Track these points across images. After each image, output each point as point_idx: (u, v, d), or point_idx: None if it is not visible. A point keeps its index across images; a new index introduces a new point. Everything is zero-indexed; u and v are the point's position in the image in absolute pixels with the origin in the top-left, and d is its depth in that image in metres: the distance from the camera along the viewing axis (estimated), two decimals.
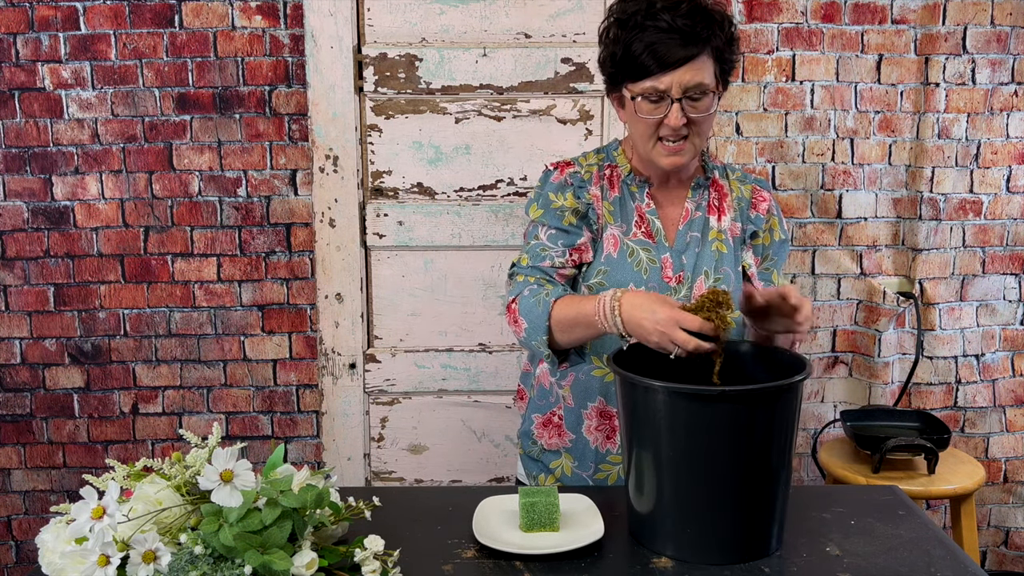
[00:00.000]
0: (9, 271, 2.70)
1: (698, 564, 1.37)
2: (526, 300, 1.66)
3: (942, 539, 1.46)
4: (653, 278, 1.69)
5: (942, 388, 2.83)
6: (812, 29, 2.65)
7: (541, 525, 1.45)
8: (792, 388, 1.36)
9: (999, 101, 2.71)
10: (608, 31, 1.65)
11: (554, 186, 1.74)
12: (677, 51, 1.55)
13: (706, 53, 1.59)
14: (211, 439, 1.29)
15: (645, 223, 1.73)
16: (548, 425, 1.82)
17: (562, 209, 1.71)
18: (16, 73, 2.61)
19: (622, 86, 1.64)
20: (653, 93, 1.58)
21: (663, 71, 1.56)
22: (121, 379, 2.77)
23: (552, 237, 1.71)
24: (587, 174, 1.74)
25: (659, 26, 1.55)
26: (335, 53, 2.56)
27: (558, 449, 1.81)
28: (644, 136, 1.65)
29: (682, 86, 1.57)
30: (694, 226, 1.74)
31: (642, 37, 1.56)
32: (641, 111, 1.61)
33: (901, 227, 2.79)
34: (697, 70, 1.58)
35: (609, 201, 1.74)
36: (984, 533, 2.95)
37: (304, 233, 2.71)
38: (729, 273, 1.73)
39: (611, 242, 1.72)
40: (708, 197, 1.77)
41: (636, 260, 1.70)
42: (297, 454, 2.83)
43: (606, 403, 1.74)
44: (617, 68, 1.62)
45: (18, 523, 2.85)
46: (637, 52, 1.57)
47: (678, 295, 1.69)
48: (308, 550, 1.21)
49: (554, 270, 1.70)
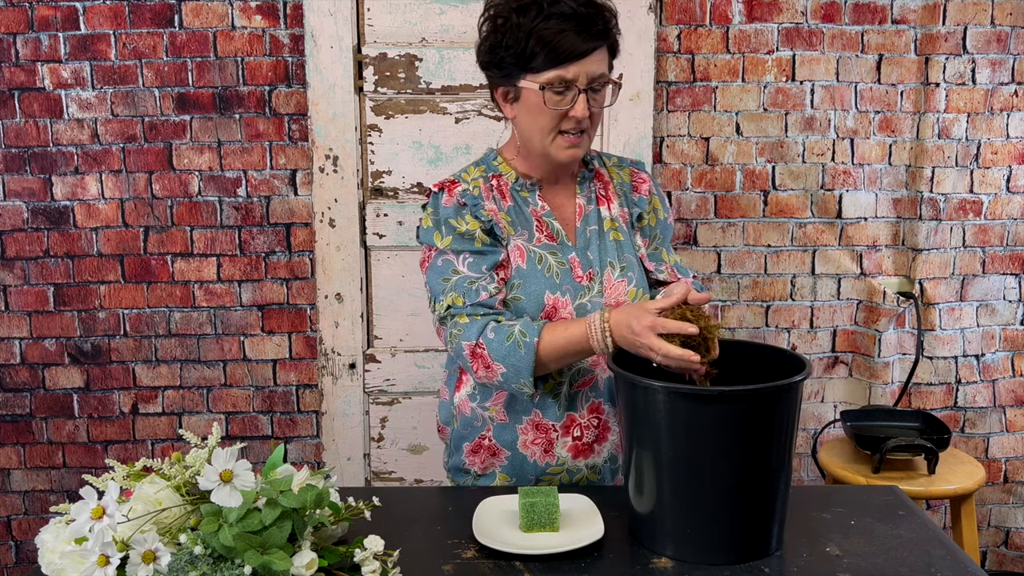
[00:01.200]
0: (9, 271, 2.70)
1: (698, 564, 1.37)
2: (495, 343, 1.59)
3: (942, 539, 1.46)
4: (565, 280, 1.67)
5: (942, 388, 2.83)
6: (812, 29, 2.65)
7: (541, 525, 1.45)
8: (792, 388, 1.36)
9: (999, 101, 2.71)
10: (498, 20, 1.59)
11: (449, 210, 1.66)
12: (584, 40, 1.54)
13: (605, 45, 1.59)
14: (211, 439, 1.29)
15: (544, 226, 1.71)
16: (479, 450, 1.77)
17: (470, 232, 1.65)
18: (16, 73, 2.61)
19: (520, 78, 1.59)
20: (560, 83, 1.55)
21: (571, 60, 1.54)
22: (121, 379, 2.77)
23: (473, 265, 1.64)
24: (476, 189, 1.68)
25: (563, 12, 1.53)
26: (335, 53, 2.56)
27: (492, 470, 1.78)
28: (544, 130, 1.61)
29: (588, 76, 1.56)
30: (590, 220, 1.73)
31: (548, 25, 1.53)
32: (549, 102, 1.57)
33: (901, 227, 2.79)
34: (599, 60, 1.57)
35: (505, 211, 1.69)
36: (984, 533, 2.95)
37: (304, 233, 2.71)
38: (632, 260, 1.74)
39: (517, 253, 1.68)
40: (595, 188, 1.76)
41: (546, 266, 1.68)
42: (297, 454, 2.83)
43: (542, 416, 1.71)
44: (517, 59, 1.57)
45: (18, 523, 2.84)
46: (546, 39, 1.53)
47: (591, 292, 1.68)
48: (308, 550, 1.21)
49: (494, 300, 1.63)
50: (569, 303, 1.67)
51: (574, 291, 1.68)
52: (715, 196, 2.74)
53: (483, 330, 1.60)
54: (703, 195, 2.73)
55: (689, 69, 2.66)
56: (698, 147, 2.71)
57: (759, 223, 2.76)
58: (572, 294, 1.67)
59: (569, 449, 1.71)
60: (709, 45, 2.65)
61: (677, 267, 1.81)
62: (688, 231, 2.76)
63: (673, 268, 1.80)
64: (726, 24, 2.64)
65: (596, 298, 1.68)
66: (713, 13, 2.64)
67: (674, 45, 2.65)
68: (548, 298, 1.66)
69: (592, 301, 1.68)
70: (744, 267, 2.77)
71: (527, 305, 1.66)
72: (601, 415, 1.72)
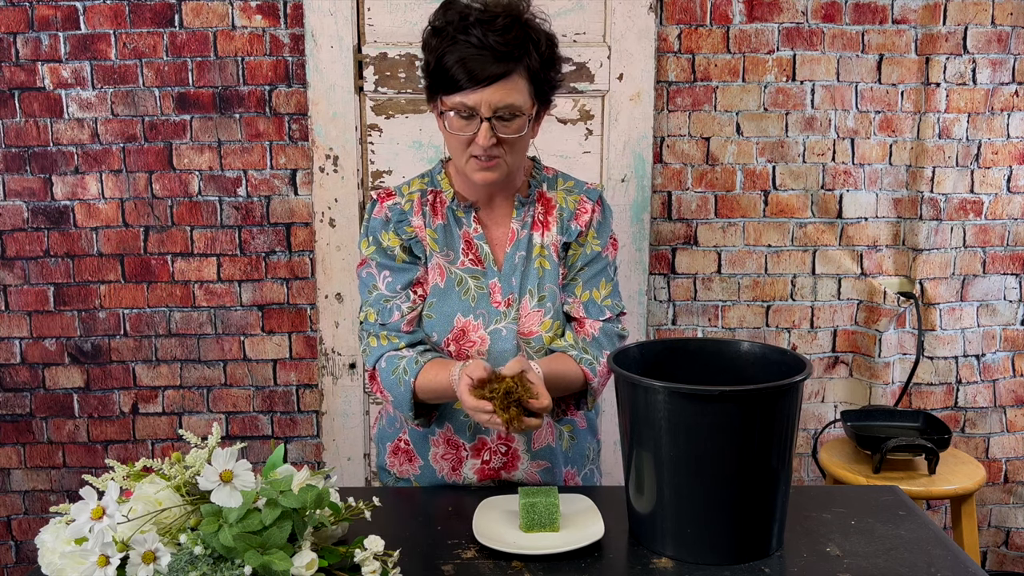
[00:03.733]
0: (9, 271, 2.70)
1: (698, 564, 1.37)
2: (385, 373, 1.65)
3: (942, 539, 1.46)
4: (482, 305, 1.67)
5: (942, 388, 2.83)
6: (813, 29, 2.65)
7: (541, 525, 1.45)
8: (792, 388, 1.36)
9: (1000, 101, 2.70)
10: (425, 37, 1.60)
11: (378, 222, 1.70)
12: (487, 68, 1.51)
13: (518, 73, 1.54)
14: (211, 439, 1.29)
15: (473, 249, 1.70)
16: (397, 452, 1.79)
17: (390, 248, 1.69)
18: (16, 73, 2.61)
19: (436, 97, 1.60)
20: (463, 109, 1.54)
21: (472, 87, 1.52)
22: (121, 379, 2.77)
23: (391, 284, 1.69)
24: (408, 204, 1.70)
25: (470, 41, 1.51)
26: (335, 53, 2.56)
27: (408, 477, 1.79)
28: (456, 150, 1.61)
29: (491, 105, 1.53)
30: (520, 246, 1.70)
31: (454, 50, 1.52)
32: (452, 127, 1.57)
33: (901, 227, 2.79)
34: (508, 90, 1.53)
35: (432, 228, 1.69)
36: (984, 533, 2.95)
37: (304, 233, 2.71)
38: (554, 290, 1.70)
39: (437, 272, 1.69)
40: (533, 213, 1.72)
41: (464, 288, 1.68)
42: (297, 454, 2.83)
43: (453, 432, 1.72)
44: (431, 78, 1.58)
45: (18, 523, 2.84)
46: (448, 65, 1.53)
47: (508, 318, 1.67)
48: (308, 550, 1.21)
49: (403, 320, 1.67)
50: (481, 327, 1.67)
51: (488, 316, 1.67)
52: (715, 196, 2.74)
53: (379, 358, 1.67)
54: (703, 195, 2.73)
55: (689, 69, 2.66)
56: (698, 147, 2.71)
57: (759, 223, 2.75)
58: (486, 319, 1.67)
59: (476, 472, 1.72)
60: (709, 45, 2.65)
61: (589, 304, 1.71)
62: (688, 231, 2.75)
63: (583, 305, 1.71)
64: (726, 24, 2.64)
65: (511, 324, 1.67)
66: (713, 13, 2.63)
67: (674, 45, 2.65)
68: (459, 320, 1.67)
69: (507, 327, 1.67)
70: (744, 267, 2.77)
71: (436, 324, 1.68)
72: (512, 443, 1.72)
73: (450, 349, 1.68)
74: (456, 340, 1.67)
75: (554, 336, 1.70)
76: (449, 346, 1.68)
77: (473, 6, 1.56)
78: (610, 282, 1.75)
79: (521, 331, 1.68)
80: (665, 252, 2.76)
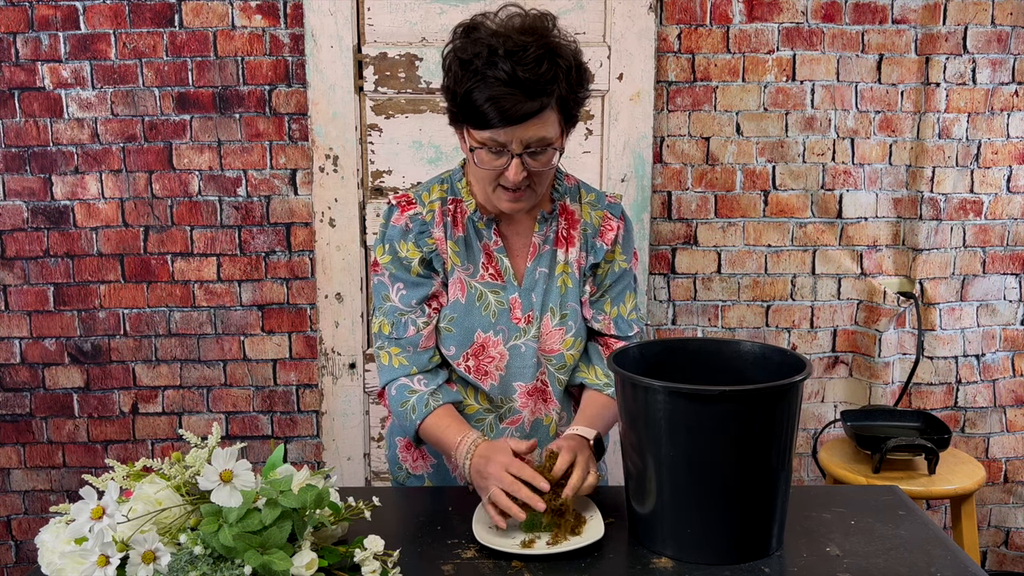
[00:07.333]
0: (9, 271, 2.70)
1: (698, 564, 1.37)
2: (394, 401, 1.66)
3: (942, 539, 1.46)
4: (502, 320, 1.65)
5: (942, 388, 2.83)
6: (812, 29, 2.65)
7: (541, 526, 1.45)
8: (792, 388, 1.36)
9: (1000, 101, 2.70)
10: (449, 63, 1.52)
11: (397, 231, 1.65)
12: (519, 107, 1.45)
13: (550, 107, 1.49)
14: (211, 439, 1.29)
15: (493, 262, 1.67)
16: (410, 448, 1.78)
17: (407, 260, 1.64)
18: (16, 73, 2.61)
19: (463, 126, 1.55)
20: (493, 145, 1.50)
21: (504, 126, 1.46)
22: (121, 379, 2.77)
23: (405, 297, 1.65)
24: (429, 214, 1.65)
25: (499, 77, 1.44)
26: (335, 53, 2.56)
27: (422, 474, 1.78)
28: (484, 181, 1.57)
29: (523, 142, 1.48)
30: (542, 262, 1.68)
31: (483, 87, 1.45)
32: (481, 161, 1.53)
33: (901, 227, 2.79)
34: (540, 125, 1.48)
35: (454, 241, 1.65)
36: (984, 533, 2.95)
37: (304, 233, 2.71)
38: (575, 309, 1.69)
39: (458, 287, 1.65)
40: (556, 228, 1.69)
41: (484, 304, 1.65)
42: (297, 454, 2.83)
43: None
44: (458, 109, 1.51)
45: (18, 523, 2.84)
46: (478, 102, 1.46)
47: (526, 335, 1.66)
48: (308, 550, 1.21)
49: (419, 336, 1.65)
50: (501, 343, 1.66)
51: (508, 332, 1.66)
52: (715, 196, 2.74)
53: (391, 381, 1.67)
54: (703, 195, 2.73)
55: (689, 69, 2.66)
56: (698, 147, 2.71)
57: (759, 223, 2.75)
58: (506, 335, 1.66)
59: None
60: (709, 45, 2.65)
61: (619, 320, 1.72)
62: (688, 231, 2.75)
63: (613, 321, 1.72)
64: (726, 24, 2.64)
65: (531, 342, 1.66)
66: (713, 13, 2.63)
67: (674, 45, 2.65)
68: (479, 336, 1.65)
69: (527, 344, 1.66)
70: (744, 267, 2.77)
71: (456, 338, 1.66)
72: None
73: (468, 364, 1.67)
74: (475, 355, 1.66)
75: (576, 353, 1.70)
76: (468, 360, 1.67)
77: (499, 32, 1.49)
78: (634, 294, 1.76)
79: (542, 348, 1.68)
80: (665, 252, 2.76)
